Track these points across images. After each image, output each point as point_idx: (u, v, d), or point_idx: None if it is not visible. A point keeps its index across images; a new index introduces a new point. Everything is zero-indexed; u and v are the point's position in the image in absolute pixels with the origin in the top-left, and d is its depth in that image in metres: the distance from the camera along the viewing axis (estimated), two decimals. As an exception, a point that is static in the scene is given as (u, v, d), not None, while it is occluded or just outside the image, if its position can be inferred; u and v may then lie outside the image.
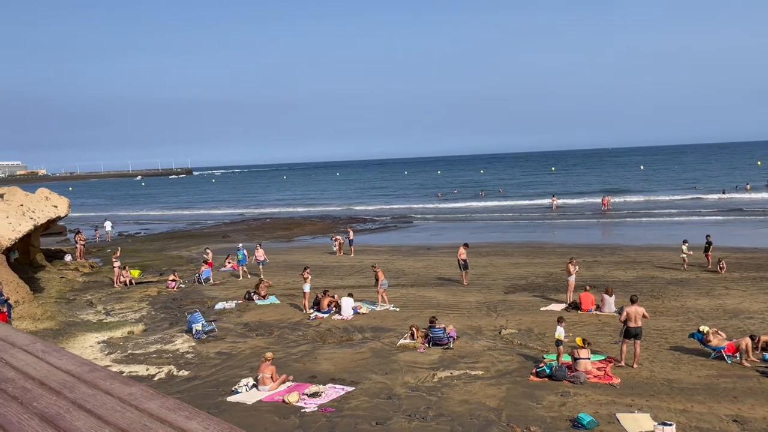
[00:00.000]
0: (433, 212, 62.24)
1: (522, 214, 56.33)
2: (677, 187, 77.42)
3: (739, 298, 20.11)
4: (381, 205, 73.93)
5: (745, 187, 67.27)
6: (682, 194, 66.36)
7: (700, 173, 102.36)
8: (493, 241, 37.70)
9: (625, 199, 63.46)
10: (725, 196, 61.21)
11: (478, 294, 22.81)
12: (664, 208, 54.68)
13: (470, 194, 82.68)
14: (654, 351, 15.14)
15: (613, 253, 31.03)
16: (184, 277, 28.47)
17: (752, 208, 50.83)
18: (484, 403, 12.34)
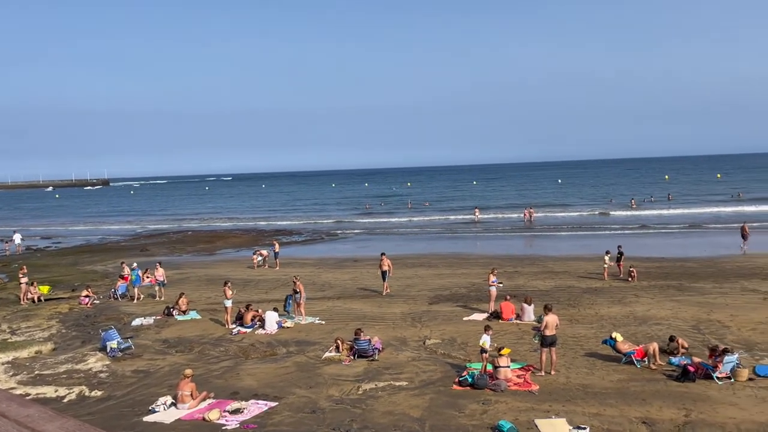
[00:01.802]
0: (360, 224, 62.40)
1: (447, 226, 57.39)
2: (594, 200, 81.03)
3: (647, 306, 21.20)
4: (308, 217, 73.45)
5: (650, 200, 72.21)
6: (598, 207, 69.56)
7: (614, 187, 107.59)
8: (418, 253, 38.15)
9: (545, 212, 65.75)
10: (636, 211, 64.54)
11: (404, 305, 22.99)
12: (580, 221, 57.07)
13: (397, 207, 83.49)
14: (570, 358, 15.70)
15: (532, 263, 32.05)
16: (98, 292, 27.21)
17: (659, 221, 53.89)
18: (407, 413, 12.41)
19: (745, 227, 35.08)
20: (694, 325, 18.33)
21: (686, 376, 13.67)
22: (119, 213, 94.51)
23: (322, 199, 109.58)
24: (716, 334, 17.16)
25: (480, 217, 62.03)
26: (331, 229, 58.60)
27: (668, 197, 75.66)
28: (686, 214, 58.23)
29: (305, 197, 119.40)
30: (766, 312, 19.47)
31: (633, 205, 68.12)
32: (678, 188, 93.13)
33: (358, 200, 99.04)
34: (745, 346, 15.91)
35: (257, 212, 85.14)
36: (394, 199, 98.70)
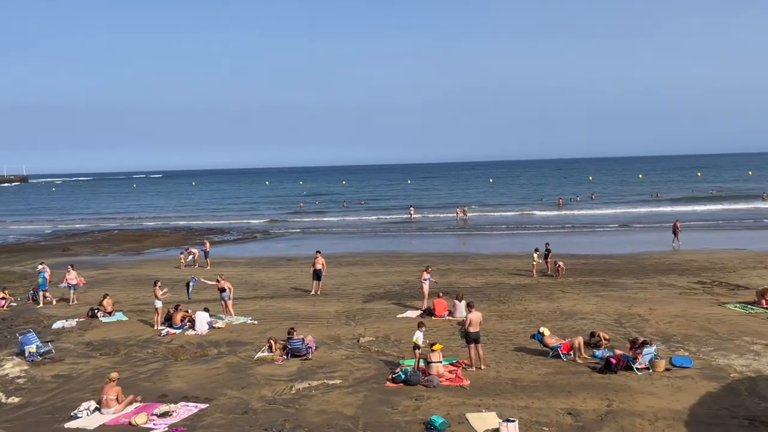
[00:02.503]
0: (294, 223, 61.85)
1: (382, 224, 57.69)
2: (524, 199, 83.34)
3: (573, 301, 21.98)
4: (240, 215, 72.17)
5: (576, 199, 75.45)
6: (528, 206, 71.63)
7: (542, 187, 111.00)
8: (353, 251, 38.18)
9: (479, 212, 67.05)
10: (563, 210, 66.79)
11: (338, 303, 22.95)
12: (511, 219, 58.58)
13: (332, 205, 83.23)
14: (500, 353, 16.09)
15: (464, 261, 32.66)
16: (16, 294, 25.82)
17: (583, 220, 56.04)
18: (341, 412, 12.40)
19: (677, 224, 37.06)
20: (616, 319, 19.14)
21: (609, 368, 14.26)
22: (39, 211, 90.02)
23: (255, 198, 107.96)
24: (636, 328, 17.97)
25: (414, 216, 62.70)
26: (265, 227, 57.85)
27: (591, 197, 78.89)
28: (609, 214, 60.76)
29: (238, 195, 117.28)
30: (681, 306, 20.55)
31: (560, 204, 70.75)
32: (601, 188, 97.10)
33: (292, 198, 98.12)
34: (663, 338, 16.73)
35: (188, 210, 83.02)
36: (328, 198, 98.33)
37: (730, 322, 18.19)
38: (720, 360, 14.74)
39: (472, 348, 14.79)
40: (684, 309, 20.02)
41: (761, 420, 11.19)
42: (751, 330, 17.25)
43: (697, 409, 11.83)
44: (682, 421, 11.29)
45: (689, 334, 17.12)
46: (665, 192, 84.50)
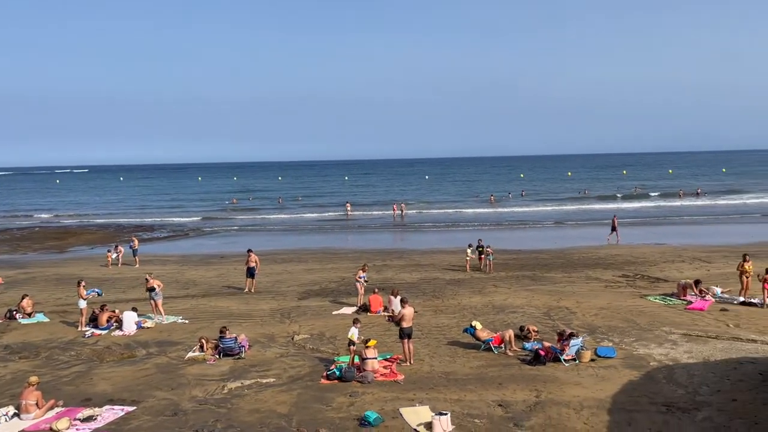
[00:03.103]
0: (227, 220, 60.67)
1: (318, 221, 57.37)
2: (459, 196, 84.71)
3: (505, 295, 22.53)
4: (171, 212, 70.19)
5: (508, 196, 77.62)
6: (462, 202, 72.89)
7: (477, 184, 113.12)
8: (288, 248, 37.84)
9: (415, 208, 67.66)
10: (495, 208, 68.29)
11: (272, 301, 22.68)
12: (446, 216, 59.44)
13: (267, 202, 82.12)
14: (434, 347, 16.31)
15: (400, 257, 32.92)
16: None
17: (515, 216, 57.54)
18: (274, 410, 12.26)
19: (614, 220, 38.65)
20: (545, 312, 19.74)
21: (538, 359, 14.69)
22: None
23: (186, 194, 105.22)
24: (564, 320, 18.59)
25: (351, 212, 62.70)
26: (196, 224, 56.51)
27: (522, 194, 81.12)
28: (539, 210, 62.61)
29: (169, 191, 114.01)
30: (606, 298, 21.40)
31: (492, 201, 72.51)
32: (533, 185, 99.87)
33: (225, 195, 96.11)
34: (589, 329, 17.38)
35: (115, 207, 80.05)
36: (263, 194, 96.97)
37: (650, 314, 19.08)
38: (641, 350, 15.43)
39: (406, 343, 14.93)
40: (609, 301, 20.85)
41: (677, 406, 11.78)
42: (670, 321, 18.15)
43: (619, 397, 12.35)
44: (605, 409, 11.76)
45: (613, 325, 17.84)
46: (593, 189, 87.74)
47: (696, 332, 16.80)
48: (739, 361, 14.18)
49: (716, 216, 53.04)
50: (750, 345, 15.52)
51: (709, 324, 17.74)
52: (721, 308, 19.60)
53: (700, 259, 29.06)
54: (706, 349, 15.24)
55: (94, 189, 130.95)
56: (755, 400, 11.87)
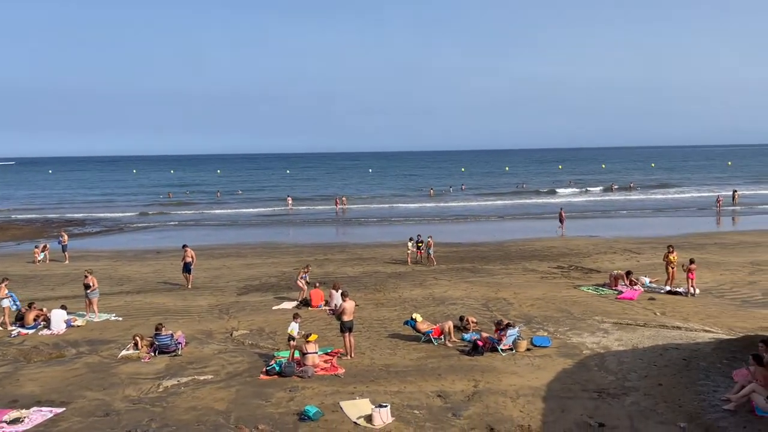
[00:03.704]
0: (164, 214, 59.03)
1: (258, 215, 56.55)
2: (403, 189, 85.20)
3: (445, 287, 22.82)
4: (104, 206, 67.74)
5: (449, 190, 78.74)
6: (405, 196, 73.36)
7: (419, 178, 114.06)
8: (227, 243, 37.18)
9: (357, 202, 67.62)
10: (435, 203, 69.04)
11: (210, 297, 22.24)
12: (388, 210, 59.70)
13: (205, 195, 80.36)
14: (375, 340, 16.36)
15: (342, 251, 32.86)
16: None
17: (455, 210, 58.35)
18: (212, 407, 12.03)
19: (561, 213, 39.80)
20: (484, 303, 20.11)
21: (476, 350, 14.96)
22: None
23: (121, 187, 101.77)
24: (502, 311, 18.98)
25: (293, 206, 62.14)
26: (131, 219, 54.74)
27: (462, 188, 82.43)
28: (478, 204, 63.70)
29: (101, 184, 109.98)
30: (542, 289, 21.99)
31: (431, 194, 73.44)
32: (473, 180, 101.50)
33: (161, 189, 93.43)
34: (525, 320, 17.82)
35: (44, 201, 76.60)
36: (201, 188, 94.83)
37: (583, 303, 19.73)
38: (574, 338, 15.94)
39: (347, 337, 14.93)
40: (544, 292, 21.43)
41: (608, 392, 12.24)
42: (601, 310, 18.81)
43: (553, 385, 12.72)
44: (540, 397, 12.09)
45: (548, 315, 18.35)
46: (530, 183, 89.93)
47: (626, 321, 17.48)
48: (665, 347, 14.83)
49: (645, 209, 55.28)
50: (675, 332, 16.26)
51: (638, 313, 18.49)
52: (649, 297, 20.47)
53: (631, 251, 30.23)
54: (635, 336, 15.87)
55: (21, 182, 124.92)
56: (679, 384, 12.45)
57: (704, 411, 11.11)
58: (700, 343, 14.97)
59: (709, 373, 12.91)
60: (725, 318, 17.70)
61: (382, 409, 11.08)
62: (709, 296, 20.63)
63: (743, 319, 17.58)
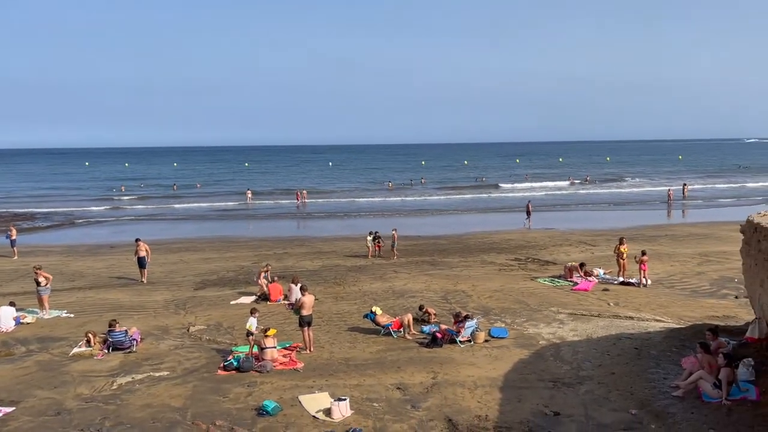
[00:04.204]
0: (117, 208, 57.64)
1: (216, 208, 55.72)
2: (364, 183, 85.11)
3: (405, 280, 22.92)
4: (54, 199, 65.70)
5: (410, 184, 79.22)
6: (365, 189, 73.33)
7: (380, 171, 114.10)
8: (184, 237, 36.54)
9: (317, 196, 67.25)
10: (396, 197, 69.26)
11: (167, 292, 21.84)
12: (348, 203, 59.58)
13: (162, 189, 78.73)
14: (334, 333, 16.34)
15: (302, 244, 32.67)
16: None
17: (415, 203, 58.66)
18: (168, 404, 11.84)
19: (529, 206, 40.41)
20: (443, 296, 20.28)
21: (435, 342, 15.09)
22: None
23: (72, 180, 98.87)
24: (461, 303, 19.17)
25: (252, 200, 61.47)
26: (84, 213, 53.26)
27: (421, 181, 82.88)
28: (439, 198, 64.16)
29: (52, 178, 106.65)
30: (500, 281, 22.30)
31: (390, 187, 73.77)
32: (432, 173, 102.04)
33: (116, 182, 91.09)
34: (483, 311, 18.05)
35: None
36: (158, 181, 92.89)
37: (540, 295, 20.09)
38: (531, 329, 16.22)
39: (306, 331, 14.86)
40: (502, 284, 21.74)
41: (563, 381, 12.50)
42: (557, 301, 19.19)
43: (510, 375, 12.93)
44: (498, 387, 12.28)
45: (506, 307, 18.63)
46: (488, 177, 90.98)
47: (581, 311, 17.87)
48: (618, 337, 15.23)
49: (601, 203, 56.55)
50: (628, 322, 16.71)
51: (593, 303, 18.93)
52: (603, 288, 20.97)
53: (586, 243, 30.90)
54: (589, 327, 16.24)
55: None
56: (631, 372, 12.80)
57: (654, 398, 11.46)
58: (651, 333, 15.42)
59: (660, 361, 13.31)
60: (675, 308, 18.27)
61: (341, 403, 11.08)
62: (660, 287, 21.25)
63: (692, 308, 18.18)
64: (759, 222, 12.26)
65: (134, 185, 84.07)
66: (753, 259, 12.64)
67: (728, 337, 13.61)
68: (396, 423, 10.81)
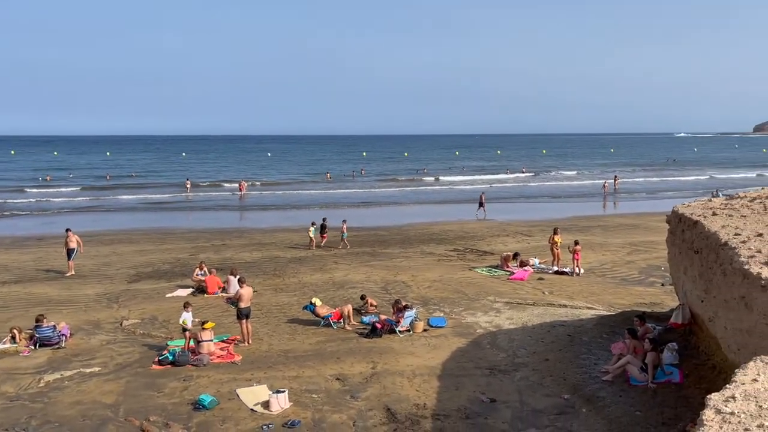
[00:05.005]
0: (45, 198, 55.13)
1: (152, 199, 54.08)
2: (304, 174, 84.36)
3: (345, 271, 22.90)
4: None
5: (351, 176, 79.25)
6: (306, 181, 72.76)
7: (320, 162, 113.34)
8: (118, 228, 35.31)
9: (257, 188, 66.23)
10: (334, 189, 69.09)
11: (98, 285, 21.09)
12: (288, 195, 58.99)
13: (93, 179, 75.76)
14: (274, 326, 16.18)
15: (240, 236, 32.14)
16: None
17: (356, 195, 58.66)
18: (99, 401, 11.47)
19: (482, 197, 40.85)
20: (383, 286, 20.38)
21: (374, 332, 15.16)
22: None
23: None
24: (400, 293, 19.29)
25: (191, 190, 60.07)
26: (8, 204, 50.68)
27: (362, 172, 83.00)
28: (381, 189, 64.34)
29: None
30: (439, 271, 22.58)
31: (328, 178, 73.70)
32: (373, 165, 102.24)
33: (43, 172, 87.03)
34: (422, 301, 18.25)
35: None
36: (89, 171, 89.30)
37: (477, 284, 20.47)
38: (469, 318, 16.52)
39: (244, 323, 14.66)
40: (441, 274, 22.03)
41: (499, 368, 12.80)
42: (494, 290, 19.61)
43: (448, 364, 13.14)
44: (436, 376, 12.46)
45: (444, 296, 18.90)
46: (429, 169, 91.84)
47: (517, 300, 18.32)
48: (552, 324, 15.70)
49: (536, 194, 58.03)
50: (561, 310, 17.24)
51: (528, 292, 19.43)
52: (539, 278, 21.57)
53: (522, 233, 31.66)
54: (525, 315, 16.68)
55: None
56: (564, 358, 13.23)
57: (585, 383, 11.88)
58: (583, 320, 15.96)
59: (591, 348, 13.81)
60: (606, 295, 18.98)
61: (279, 395, 11.00)
62: (593, 275, 22.02)
63: (622, 296, 18.93)
64: (683, 213, 12.85)
65: (63, 175, 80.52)
66: (677, 248, 13.24)
67: (655, 323, 14.25)
68: (335, 413, 10.82)
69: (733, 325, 9.33)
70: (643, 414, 10.40)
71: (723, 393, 5.31)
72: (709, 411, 5.03)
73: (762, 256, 8.86)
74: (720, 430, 4.74)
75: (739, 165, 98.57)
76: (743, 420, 4.83)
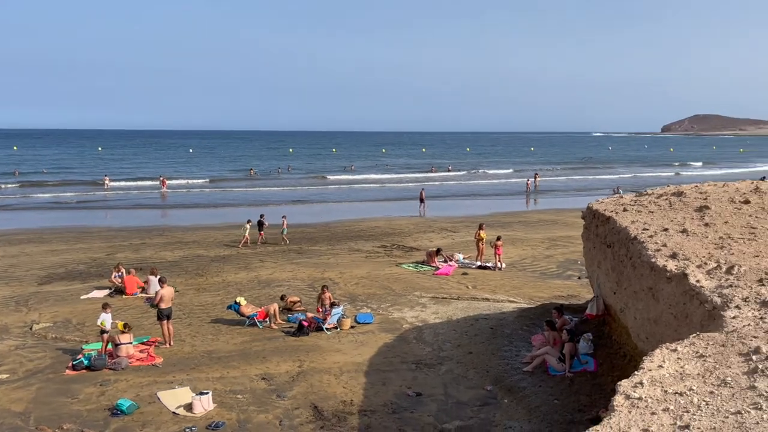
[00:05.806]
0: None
1: (66, 197, 51.44)
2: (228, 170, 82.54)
3: (271, 269, 22.61)
4: None
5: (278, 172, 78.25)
6: (230, 178, 71.23)
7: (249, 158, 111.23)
8: (27, 227, 33.40)
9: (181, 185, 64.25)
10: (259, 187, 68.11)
11: (5, 288, 19.90)
12: (212, 193, 57.59)
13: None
14: (197, 326, 15.78)
15: (161, 234, 31.10)
16: None
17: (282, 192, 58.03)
18: (8, 409, 10.86)
19: (422, 193, 41.07)
20: (310, 284, 20.25)
21: (301, 330, 15.06)
22: None
23: None
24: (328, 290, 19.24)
25: (109, 186, 57.68)
26: None
27: (288, 169, 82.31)
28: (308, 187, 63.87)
29: None
30: (367, 268, 22.67)
31: (252, 174, 72.68)
32: (300, 161, 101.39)
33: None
34: (350, 298, 18.28)
35: None
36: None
37: (404, 280, 20.70)
38: (395, 314, 16.69)
39: (165, 324, 14.23)
40: (368, 271, 22.12)
41: (425, 362, 13.01)
42: (420, 285, 19.89)
43: (375, 359, 13.23)
44: (363, 372, 12.52)
45: (372, 293, 19.00)
46: (357, 166, 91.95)
47: (442, 295, 18.67)
48: (476, 318, 16.10)
49: (461, 191, 59.22)
50: (484, 303, 17.70)
51: (453, 287, 19.84)
52: (463, 272, 22.05)
53: (447, 229, 32.24)
54: (449, 309, 17.01)
55: None
56: (487, 351, 13.60)
57: (507, 374, 12.26)
58: (505, 313, 16.45)
59: (512, 340, 14.26)
60: (527, 289, 19.64)
61: (202, 397, 10.76)
62: (514, 270, 22.71)
63: (541, 289, 19.64)
64: (597, 209, 13.46)
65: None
66: (591, 242, 13.86)
67: (572, 314, 14.85)
68: (261, 414, 10.68)
69: (641, 315, 9.87)
70: (560, 402, 10.84)
71: (632, 379, 5.61)
72: (620, 397, 5.31)
73: (667, 249, 9.41)
74: (629, 414, 5.01)
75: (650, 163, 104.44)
76: (650, 404, 5.12)
